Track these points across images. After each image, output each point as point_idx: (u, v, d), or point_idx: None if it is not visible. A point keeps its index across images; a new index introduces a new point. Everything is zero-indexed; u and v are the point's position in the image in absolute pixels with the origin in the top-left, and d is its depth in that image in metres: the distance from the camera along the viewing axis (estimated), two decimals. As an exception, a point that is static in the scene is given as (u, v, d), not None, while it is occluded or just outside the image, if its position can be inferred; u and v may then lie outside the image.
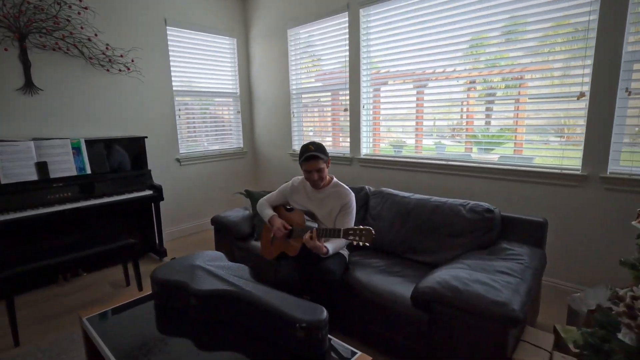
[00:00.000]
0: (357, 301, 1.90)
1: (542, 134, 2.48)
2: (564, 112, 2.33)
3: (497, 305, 1.42)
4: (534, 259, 1.82)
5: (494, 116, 2.71)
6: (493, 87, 2.65)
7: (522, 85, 2.51)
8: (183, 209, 3.90)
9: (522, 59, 2.44)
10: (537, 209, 2.43)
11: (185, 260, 1.90)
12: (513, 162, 2.56)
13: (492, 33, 2.51)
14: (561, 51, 2.26)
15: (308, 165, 1.96)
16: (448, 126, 2.93)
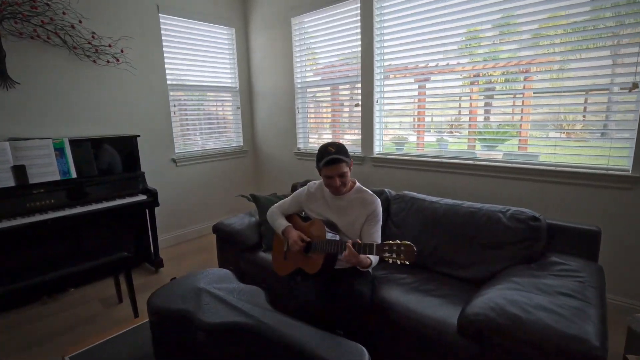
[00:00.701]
0: (388, 327, 1.65)
1: (585, 130, 2.23)
2: (610, 106, 2.08)
3: (573, 340, 1.17)
4: (592, 275, 1.57)
5: (538, 111, 2.44)
6: (527, 78, 2.39)
7: (559, 76, 2.25)
8: (180, 214, 3.61)
9: (558, 46, 2.18)
10: (576, 214, 2.19)
11: (188, 281, 1.62)
12: (553, 163, 2.29)
13: (524, 27, 2.25)
14: (609, 37, 2.01)
15: (329, 170, 1.69)
16: (485, 122, 2.68)
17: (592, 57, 2.11)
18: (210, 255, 3.26)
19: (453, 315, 1.52)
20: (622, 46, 1.98)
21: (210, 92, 3.81)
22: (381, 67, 3.00)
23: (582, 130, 2.28)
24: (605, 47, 2.06)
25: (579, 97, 2.19)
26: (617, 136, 2.08)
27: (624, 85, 1.99)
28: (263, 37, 3.82)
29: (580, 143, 2.23)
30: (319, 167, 1.74)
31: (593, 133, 2.23)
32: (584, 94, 2.19)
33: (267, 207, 2.41)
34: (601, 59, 2.10)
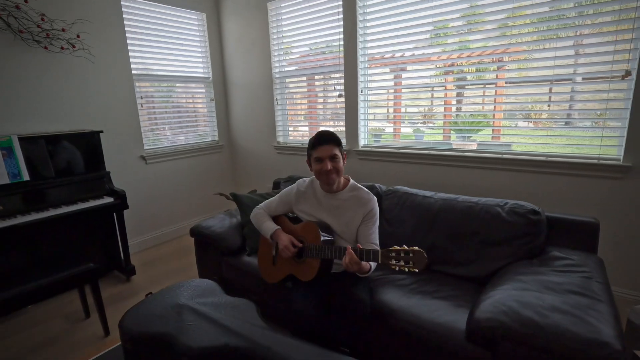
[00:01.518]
0: (389, 335, 1.53)
1: (574, 119, 2.21)
2: (600, 95, 2.05)
3: (595, 345, 1.09)
4: (596, 269, 1.52)
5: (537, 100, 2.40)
6: (514, 67, 2.33)
7: (530, 66, 2.20)
8: (152, 215, 3.34)
9: (525, 36, 2.13)
10: (571, 206, 2.17)
11: (166, 297, 1.43)
12: (543, 153, 2.25)
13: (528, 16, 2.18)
14: (605, 22, 1.97)
15: (319, 151, 1.55)
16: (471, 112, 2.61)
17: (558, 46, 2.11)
18: (188, 258, 3.04)
19: (459, 319, 1.42)
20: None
21: (180, 82, 3.53)
22: (365, 56, 2.85)
23: (570, 119, 2.25)
24: (596, 34, 2.02)
25: (566, 86, 2.15)
26: (610, 125, 2.05)
27: (592, 74, 1.96)
28: (237, 23, 3.57)
29: (572, 132, 2.20)
30: (309, 154, 1.59)
31: (582, 122, 2.21)
32: (570, 83, 2.16)
33: (250, 207, 2.23)
34: (566, 49, 2.06)
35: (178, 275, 2.74)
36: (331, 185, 1.62)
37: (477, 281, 1.74)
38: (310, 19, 3.07)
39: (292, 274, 1.65)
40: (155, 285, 2.60)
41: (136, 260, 2.99)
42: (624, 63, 1.91)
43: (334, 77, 3.08)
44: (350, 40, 2.82)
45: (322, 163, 1.56)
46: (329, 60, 3.05)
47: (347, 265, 1.37)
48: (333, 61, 3.02)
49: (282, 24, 3.28)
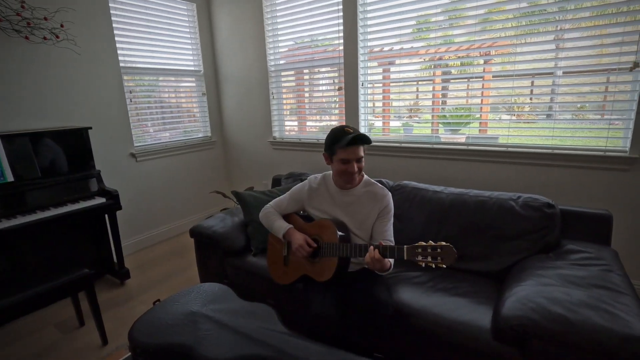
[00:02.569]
0: (411, 335, 1.49)
1: (581, 112, 2.21)
2: (607, 87, 2.06)
3: (630, 341, 1.08)
4: (613, 262, 1.52)
5: (537, 92, 2.39)
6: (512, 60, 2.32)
7: (557, 56, 2.19)
8: (144, 215, 3.20)
9: (509, 30, 2.12)
10: (577, 198, 2.17)
11: (177, 305, 1.34)
12: (548, 145, 2.25)
13: None
14: (614, 14, 1.96)
15: (348, 152, 1.46)
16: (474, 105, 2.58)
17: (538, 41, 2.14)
18: (185, 259, 2.93)
19: (483, 317, 1.39)
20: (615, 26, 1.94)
21: (170, 76, 3.37)
22: (365, 48, 2.78)
23: (577, 112, 2.26)
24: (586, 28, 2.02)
25: (575, 78, 2.15)
26: (617, 117, 2.06)
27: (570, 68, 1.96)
28: (229, 15, 3.43)
29: (577, 125, 2.21)
30: (332, 150, 1.49)
31: (588, 114, 2.22)
32: (577, 75, 2.16)
33: (253, 205, 2.15)
34: (571, 40, 2.07)
35: (176, 278, 2.63)
36: (350, 184, 1.56)
37: (493, 276, 1.72)
38: (308, 9, 2.97)
39: (306, 275, 1.58)
40: (152, 289, 2.48)
41: (130, 263, 2.85)
42: (632, 55, 1.91)
43: (333, 70, 3.00)
44: (350, 32, 2.75)
45: (348, 164, 1.48)
46: (328, 52, 2.97)
47: (369, 263, 1.31)
48: (332, 54, 2.93)
49: (277, 15, 3.17)
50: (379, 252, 1.30)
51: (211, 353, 1.07)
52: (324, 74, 3.12)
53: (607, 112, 2.09)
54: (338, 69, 2.93)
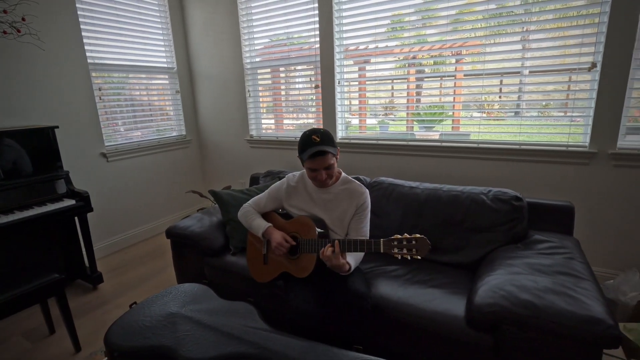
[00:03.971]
0: (388, 327, 1.53)
1: (545, 109, 2.34)
2: (568, 86, 2.18)
3: (592, 322, 1.15)
4: (575, 250, 1.62)
5: (506, 90, 2.50)
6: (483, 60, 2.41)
7: (524, 56, 2.30)
8: (116, 217, 3.09)
9: (479, 31, 2.22)
10: (542, 191, 2.29)
11: (154, 306, 1.32)
12: (516, 141, 2.36)
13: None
14: (575, 17, 2.08)
15: (314, 163, 1.48)
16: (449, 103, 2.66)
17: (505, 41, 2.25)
18: (161, 261, 2.86)
19: (458, 306, 1.45)
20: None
21: (141, 73, 3.27)
22: (341, 47, 2.81)
23: (540, 109, 2.38)
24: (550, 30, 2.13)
25: (540, 77, 2.27)
26: (577, 114, 2.19)
27: (532, 68, 2.09)
28: (202, 10, 3.37)
29: (542, 122, 2.32)
30: (301, 158, 1.52)
31: (551, 112, 2.34)
32: (542, 74, 2.28)
33: (231, 205, 2.13)
34: (536, 41, 2.19)
35: (152, 280, 2.57)
36: (324, 188, 1.59)
37: (466, 267, 1.79)
38: (283, 6, 2.96)
39: (286, 272, 1.59)
40: (126, 293, 2.41)
41: (102, 267, 2.76)
42: (590, 56, 2.03)
43: (308, 68, 3.01)
44: (326, 31, 2.76)
45: (316, 172, 1.50)
46: (304, 50, 2.97)
47: (327, 257, 1.34)
48: (308, 51, 2.94)
49: (252, 11, 3.14)
50: (339, 247, 1.34)
51: (192, 353, 1.06)
52: (301, 72, 3.13)
53: (569, 109, 2.22)
54: (315, 67, 2.94)
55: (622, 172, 2.06)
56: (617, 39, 1.92)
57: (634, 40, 1.89)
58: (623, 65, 1.94)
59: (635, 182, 2.04)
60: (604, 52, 1.97)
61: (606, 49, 1.96)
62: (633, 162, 2.02)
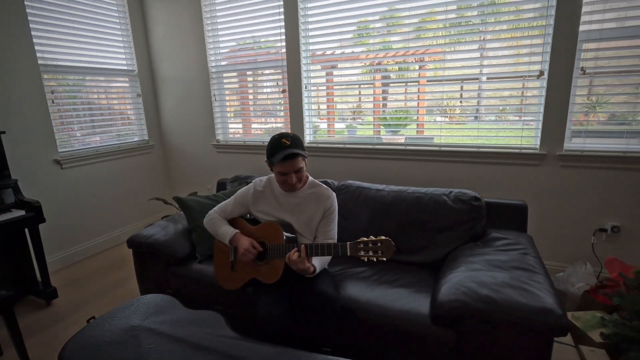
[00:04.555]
0: (357, 328, 1.55)
1: (501, 114, 2.48)
2: (522, 92, 2.33)
3: (543, 313, 1.23)
4: (529, 245, 1.73)
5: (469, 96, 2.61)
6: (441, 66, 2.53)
7: (482, 64, 2.43)
8: (72, 227, 2.92)
9: (440, 39, 2.35)
10: (498, 191, 2.43)
11: (114, 320, 1.26)
12: (475, 144, 2.49)
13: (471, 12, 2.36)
14: (526, 28, 2.22)
15: (284, 166, 1.48)
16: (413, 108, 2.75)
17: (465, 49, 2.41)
18: (123, 272, 2.73)
19: (423, 304, 1.50)
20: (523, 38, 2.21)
21: (99, 75, 3.12)
22: (307, 52, 2.84)
23: (495, 114, 2.52)
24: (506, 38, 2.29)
25: (496, 83, 2.41)
26: (529, 118, 2.34)
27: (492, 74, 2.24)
28: (164, 12, 3.27)
29: (498, 126, 2.47)
30: (271, 162, 1.51)
31: (506, 116, 2.49)
32: (498, 81, 2.42)
33: (197, 211, 2.08)
34: (490, 50, 2.34)
35: (113, 293, 2.44)
36: (293, 191, 1.59)
37: (431, 266, 1.85)
38: (249, 10, 2.94)
39: (255, 278, 1.57)
40: (85, 308, 2.28)
41: (57, 281, 2.59)
42: (538, 64, 2.18)
43: (276, 72, 3.00)
44: (292, 36, 2.78)
45: (286, 176, 1.50)
46: (271, 55, 2.97)
47: (293, 262, 1.35)
48: (275, 56, 2.94)
49: (217, 14, 3.09)
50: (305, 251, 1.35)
51: (155, 367, 1.03)
52: (268, 76, 3.12)
53: (522, 114, 2.37)
54: (282, 71, 2.94)
55: (568, 172, 2.23)
56: (561, 50, 2.08)
57: (575, 51, 2.06)
58: (566, 74, 2.10)
59: (580, 180, 2.21)
60: (550, 61, 2.13)
61: (552, 59, 2.12)
62: (578, 162, 2.19)
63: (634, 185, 2.09)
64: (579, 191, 2.23)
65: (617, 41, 2.09)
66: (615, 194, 2.15)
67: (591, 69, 2.09)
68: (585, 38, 2.05)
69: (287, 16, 2.75)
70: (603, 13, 2.00)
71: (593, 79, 2.13)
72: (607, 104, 2.19)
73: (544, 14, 2.12)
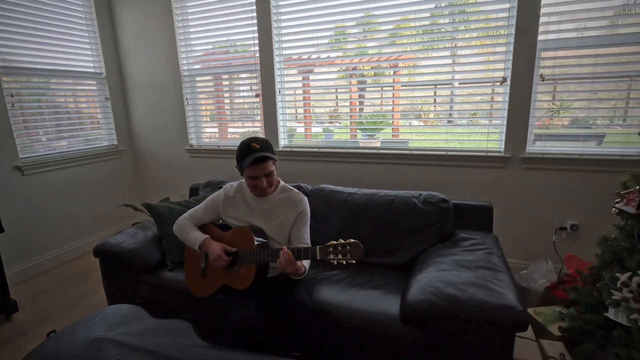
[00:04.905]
0: (329, 330, 1.56)
1: (468, 118, 2.58)
2: (486, 97, 2.43)
3: (505, 310, 1.29)
4: (494, 245, 1.80)
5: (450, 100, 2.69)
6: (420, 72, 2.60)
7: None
8: (37, 236, 2.78)
9: (413, 45, 2.44)
10: (466, 192, 2.51)
11: (77, 333, 1.21)
12: (444, 148, 2.57)
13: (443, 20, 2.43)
14: (490, 36, 2.32)
15: (255, 170, 1.47)
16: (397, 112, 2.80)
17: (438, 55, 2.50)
18: (88, 283, 2.62)
19: (393, 305, 1.53)
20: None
21: (65, 78, 3.01)
22: (280, 57, 2.85)
23: (462, 118, 2.62)
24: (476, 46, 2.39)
25: (464, 89, 2.50)
26: (494, 122, 2.44)
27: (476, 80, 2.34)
28: (133, 14, 3.20)
29: (466, 130, 2.56)
30: (241, 166, 1.51)
31: (472, 120, 2.59)
32: (464, 86, 2.52)
33: (168, 218, 2.04)
34: (460, 57, 2.44)
35: (79, 305, 2.35)
36: (264, 196, 1.59)
37: (402, 267, 1.89)
38: (222, 14, 2.92)
39: (226, 285, 1.56)
40: (48, 321, 2.18)
41: (18, 294, 2.46)
42: (501, 71, 2.29)
43: (250, 76, 2.99)
44: (265, 40, 2.78)
45: (257, 180, 1.49)
46: (245, 58, 2.96)
47: (283, 267, 1.35)
48: (248, 60, 2.93)
49: (189, 17, 3.05)
50: (292, 255, 1.34)
51: (119, 380, 1.00)
52: (243, 80, 3.10)
53: (488, 119, 2.47)
54: (256, 75, 2.93)
55: (531, 174, 2.34)
56: (522, 58, 2.19)
57: (534, 59, 2.17)
58: (527, 80, 2.21)
59: (541, 182, 2.32)
60: (512, 68, 2.23)
61: (513, 66, 2.22)
62: (540, 164, 2.30)
63: (590, 185, 2.22)
64: (541, 192, 2.34)
65: (573, 50, 2.23)
66: (574, 194, 2.27)
67: (549, 76, 2.21)
68: (544, 47, 2.17)
69: (260, 20, 2.75)
70: (559, 24, 2.12)
71: (556, 85, 2.25)
72: (568, 109, 2.32)
73: (505, 23, 2.22)
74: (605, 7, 2.06)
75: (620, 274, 1.20)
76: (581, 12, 2.08)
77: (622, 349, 1.15)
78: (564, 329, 1.49)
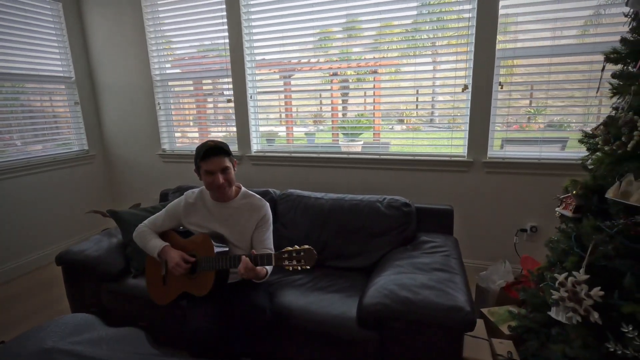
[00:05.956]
0: (288, 335, 1.59)
1: (431, 124, 2.65)
2: (450, 104, 2.51)
3: (453, 311, 1.34)
4: (453, 248, 1.85)
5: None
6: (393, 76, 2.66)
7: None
8: (0, 245, 2.71)
9: (394, 52, 2.50)
10: (432, 196, 2.58)
11: (25, 343, 1.20)
12: (411, 152, 2.64)
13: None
14: (453, 45, 2.40)
15: (210, 163, 1.50)
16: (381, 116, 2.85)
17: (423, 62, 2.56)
18: (52, 292, 2.57)
19: (352, 308, 1.56)
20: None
21: (31, 82, 2.95)
22: (252, 62, 2.87)
23: (428, 123, 2.69)
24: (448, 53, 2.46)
25: (425, 96, 2.57)
26: (457, 128, 2.52)
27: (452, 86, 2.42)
28: (103, 18, 3.16)
29: (431, 135, 2.63)
30: (197, 165, 1.53)
31: (438, 126, 2.66)
32: (430, 94, 2.59)
33: (132, 224, 2.01)
34: (425, 64, 2.52)
35: (40, 316, 2.29)
36: (224, 197, 1.60)
37: (365, 271, 1.92)
38: (193, 19, 2.92)
39: (186, 292, 1.56)
40: (8, 333, 2.13)
41: (-22, 304, 2.39)
42: (463, 79, 2.37)
43: (222, 81, 3.00)
44: (236, 45, 2.80)
45: (213, 176, 1.51)
46: (217, 63, 2.96)
47: (243, 273, 1.37)
48: (220, 65, 2.94)
49: (159, 22, 3.04)
50: (250, 261, 1.37)
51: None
52: (216, 84, 3.10)
53: (452, 124, 2.54)
54: (228, 81, 2.94)
55: (492, 178, 2.42)
56: (482, 66, 2.28)
57: (493, 68, 2.26)
58: (487, 88, 2.29)
59: (501, 185, 2.41)
60: (472, 76, 2.31)
61: (474, 74, 2.30)
62: (500, 168, 2.39)
63: (548, 188, 2.31)
64: (503, 195, 2.42)
65: (529, 59, 2.32)
66: (533, 196, 2.36)
67: (507, 84, 2.30)
68: (502, 56, 2.26)
69: (231, 25, 2.77)
70: (516, 34, 2.21)
71: (512, 93, 2.34)
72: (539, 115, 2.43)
73: (467, 32, 2.30)
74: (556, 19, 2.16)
75: (559, 274, 1.26)
76: (535, 23, 2.18)
77: (559, 346, 1.21)
78: (512, 328, 1.55)
